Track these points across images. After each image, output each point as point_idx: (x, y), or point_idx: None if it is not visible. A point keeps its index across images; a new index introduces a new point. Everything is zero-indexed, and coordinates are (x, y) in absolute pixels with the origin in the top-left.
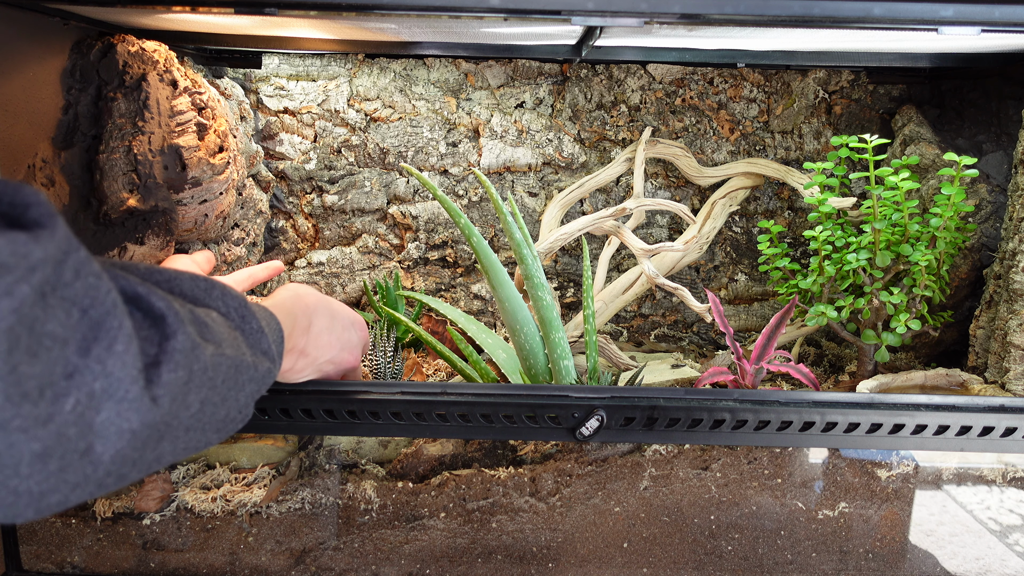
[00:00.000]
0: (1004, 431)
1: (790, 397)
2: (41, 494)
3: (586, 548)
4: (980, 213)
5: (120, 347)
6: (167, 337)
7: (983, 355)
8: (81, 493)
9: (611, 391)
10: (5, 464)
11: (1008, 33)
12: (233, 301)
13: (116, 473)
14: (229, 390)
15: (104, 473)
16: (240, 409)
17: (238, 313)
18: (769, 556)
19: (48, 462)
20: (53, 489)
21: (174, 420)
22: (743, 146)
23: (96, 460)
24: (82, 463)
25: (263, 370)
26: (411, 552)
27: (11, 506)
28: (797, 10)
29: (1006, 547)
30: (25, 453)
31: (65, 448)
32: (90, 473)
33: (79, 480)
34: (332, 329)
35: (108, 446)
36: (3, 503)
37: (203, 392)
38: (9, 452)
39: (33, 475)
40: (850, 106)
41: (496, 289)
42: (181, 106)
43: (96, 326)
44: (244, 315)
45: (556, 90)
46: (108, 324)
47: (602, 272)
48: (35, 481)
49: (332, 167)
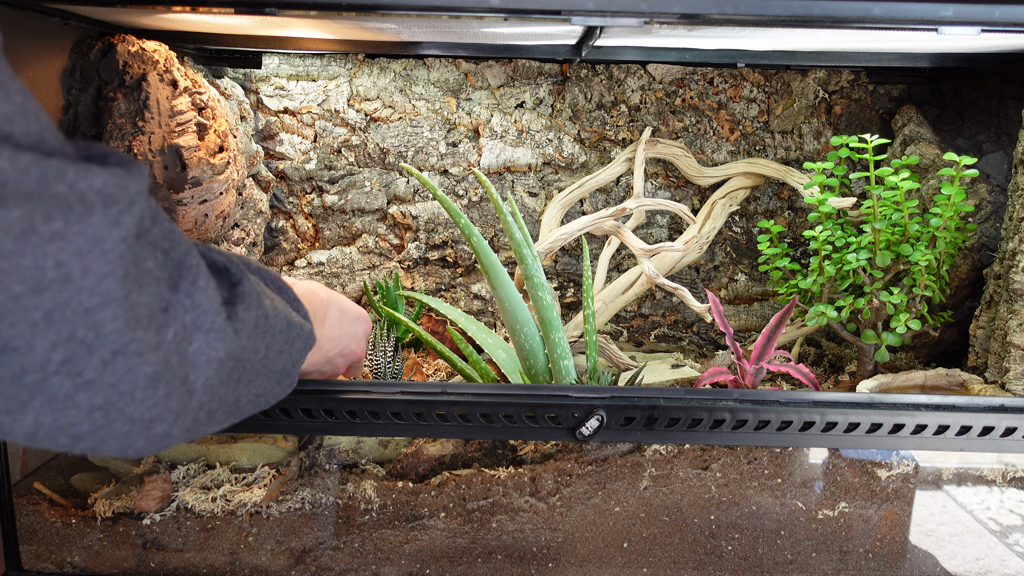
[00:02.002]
0: (1004, 431)
1: (790, 397)
2: (151, 421)
3: (586, 548)
4: (980, 213)
5: (203, 283)
6: (236, 283)
7: (983, 355)
8: (181, 424)
9: (611, 391)
10: (123, 390)
11: (1008, 33)
12: (268, 274)
13: (206, 407)
14: (285, 342)
15: (197, 404)
16: (294, 363)
17: (275, 284)
18: (769, 556)
19: (157, 387)
20: (160, 417)
21: (247, 361)
22: (743, 146)
23: (191, 388)
24: (181, 391)
25: (307, 331)
26: (411, 552)
27: (126, 436)
28: (797, 10)
29: (1006, 547)
30: (140, 378)
31: (170, 374)
32: (187, 402)
33: (179, 409)
34: (342, 323)
35: (200, 374)
36: (119, 433)
37: (267, 338)
38: (127, 376)
39: (145, 400)
40: (850, 106)
41: (496, 289)
42: (181, 106)
43: (179, 265)
44: (281, 286)
45: (556, 90)
46: (188, 263)
47: (602, 272)
48: (146, 407)
49: (332, 167)
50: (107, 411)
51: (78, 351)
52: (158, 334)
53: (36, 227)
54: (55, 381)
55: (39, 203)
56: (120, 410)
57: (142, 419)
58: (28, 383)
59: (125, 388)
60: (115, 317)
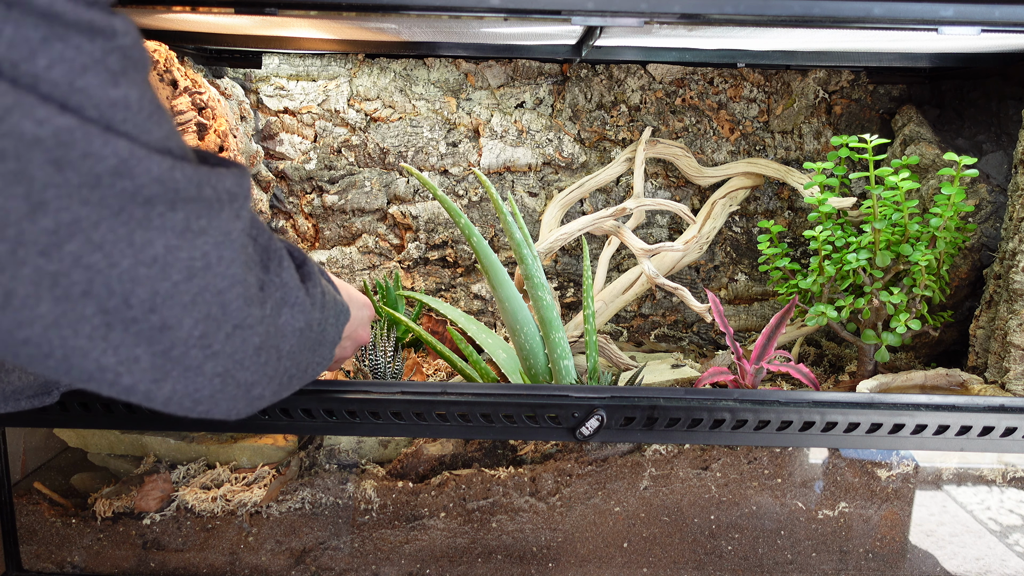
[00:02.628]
0: (1004, 431)
1: (790, 397)
2: (251, 385)
3: (586, 548)
4: (980, 213)
5: (286, 263)
6: (300, 264)
7: (983, 355)
8: (271, 387)
9: (611, 391)
10: (238, 359)
11: (1008, 33)
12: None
13: (288, 371)
14: (334, 315)
15: (283, 369)
16: (337, 335)
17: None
18: (769, 556)
19: (260, 355)
20: (258, 381)
21: (315, 331)
22: (743, 146)
23: (280, 355)
24: (275, 357)
25: (346, 307)
26: (411, 552)
27: (233, 399)
28: (797, 10)
29: (1006, 547)
30: (250, 347)
31: (269, 343)
32: (277, 367)
33: (272, 373)
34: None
35: (286, 342)
36: (230, 396)
37: (326, 311)
38: (242, 346)
39: (251, 367)
40: (850, 106)
41: (496, 289)
42: (181, 106)
43: (266, 249)
44: (319, 268)
45: (556, 90)
46: (274, 247)
47: (602, 272)
48: (251, 372)
49: (332, 167)
50: (224, 377)
51: (211, 326)
52: (260, 309)
53: (190, 225)
54: (192, 353)
55: (194, 205)
56: (233, 376)
57: (246, 383)
58: (173, 355)
59: (239, 357)
60: (237, 296)
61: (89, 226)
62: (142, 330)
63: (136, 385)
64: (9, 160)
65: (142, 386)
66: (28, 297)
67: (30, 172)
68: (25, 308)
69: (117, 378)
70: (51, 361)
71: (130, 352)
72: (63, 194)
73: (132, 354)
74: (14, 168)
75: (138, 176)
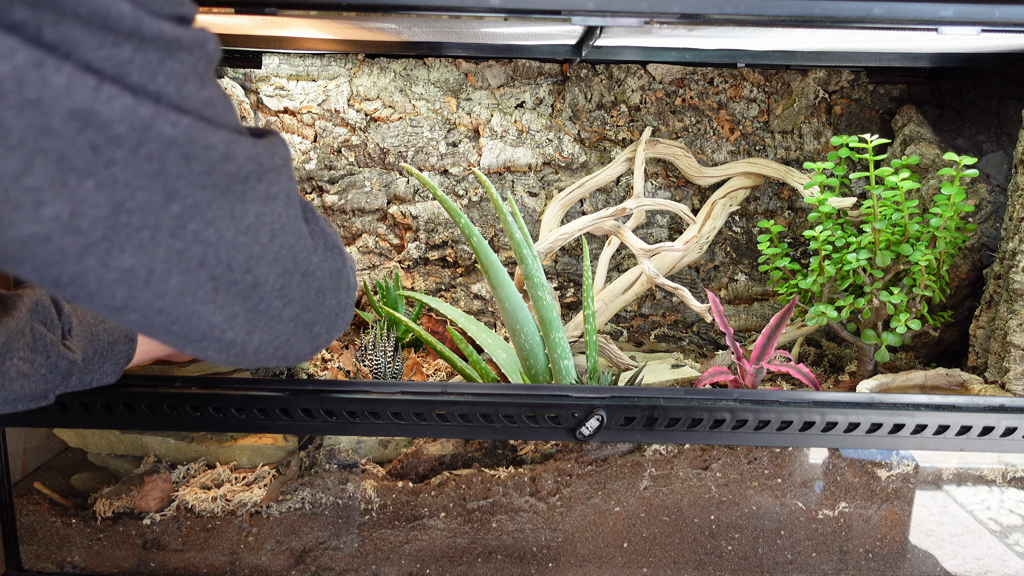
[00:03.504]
0: (1004, 431)
1: (790, 397)
2: (312, 324)
3: (586, 548)
4: (980, 213)
5: (319, 214)
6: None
7: (983, 355)
8: (325, 325)
9: (611, 391)
10: (306, 303)
11: (1008, 33)
12: None
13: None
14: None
15: (328, 308)
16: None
17: None
18: (769, 556)
19: (319, 297)
20: (318, 321)
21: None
22: (743, 146)
23: (325, 297)
24: (326, 299)
25: None
26: (411, 552)
27: (301, 340)
28: (797, 10)
29: (1006, 547)
30: (313, 291)
31: (324, 286)
32: (327, 306)
33: (327, 312)
34: None
35: (331, 283)
36: (300, 338)
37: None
38: (307, 292)
39: (314, 308)
40: (850, 106)
41: (496, 289)
42: None
43: (302, 203)
44: None
45: (556, 90)
46: (304, 200)
47: (602, 272)
48: (314, 314)
49: (332, 167)
50: (296, 322)
51: (287, 278)
52: (316, 256)
53: (268, 192)
54: (275, 304)
55: (269, 175)
56: (302, 319)
57: (310, 324)
58: (260, 308)
59: (307, 301)
60: (303, 248)
61: (204, 206)
62: (240, 289)
63: (236, 339)
64: (155, 160)
65: (240, 339)
66: (163, 273)
67: (167, 168)
68: (161, 282)
69: (222, 334)
70: (176, 326)
71: (231, 310)
72: (189, 183)
73: (232, 311)
74: (157, 166)
75: (238, 158)
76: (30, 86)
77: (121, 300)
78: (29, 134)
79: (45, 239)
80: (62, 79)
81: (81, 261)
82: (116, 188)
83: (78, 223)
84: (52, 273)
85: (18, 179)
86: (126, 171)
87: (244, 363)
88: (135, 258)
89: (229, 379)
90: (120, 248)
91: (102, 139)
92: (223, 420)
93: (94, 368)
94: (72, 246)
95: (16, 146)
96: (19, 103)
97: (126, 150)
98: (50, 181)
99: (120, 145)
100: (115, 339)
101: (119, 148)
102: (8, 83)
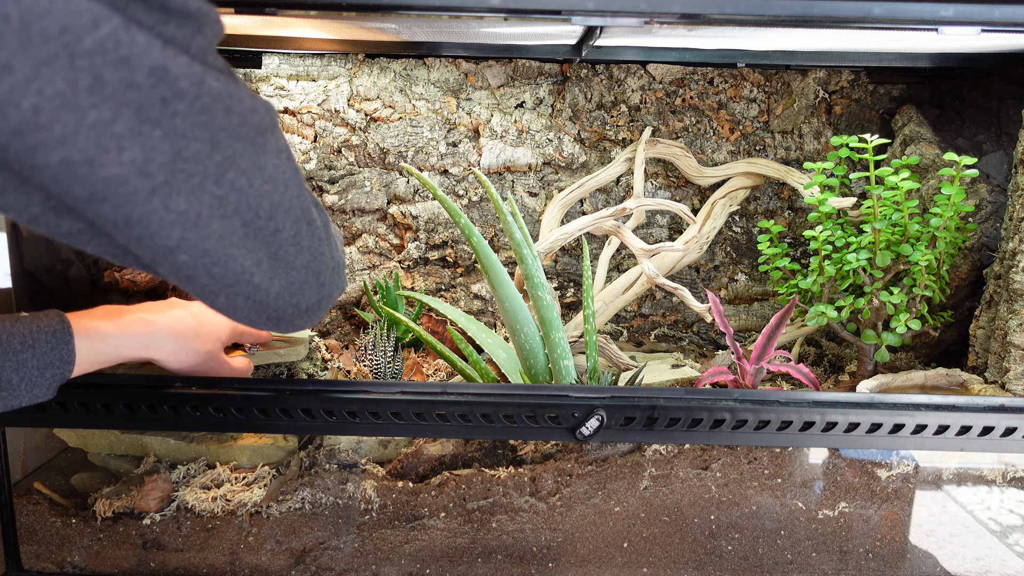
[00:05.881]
0: (1004, 431)
1: (790, 397)
2: (319, 272)
3: (586, 548)
4: (980, 213)
5: (317, 203)
6: None
7: (983, 355)
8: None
9: (611, 391)
10: (315, 251)
11: (1008, 33)
12: None
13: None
14: None
15: (327, 260)
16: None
17: None
18: (769, 556)
19: (321, 246)
20: (323, 269)
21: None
22: (743, 146)
23: (324, 248)
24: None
25: None
26: (411, 552)
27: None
28: (797, 10)
29: (1006, 547)
30: (318, 239)
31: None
32: (324, 255)
33: (326, 263)
34: None
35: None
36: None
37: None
38: (314, 240)
39: (320, 256)
40: (850, 106)
41: (496, 289)
42: None
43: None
44: None
45: (556, 90)
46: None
47: (602, 272)
48: (319, 262)
49: (332, 167)
50: (307, 268)
51: (300, 227)
52: (316, 208)
53: (278, 144)
54: (290, 250)
55: (276, 127)
56: (312, 267)
57: (317, 272)
58: (279, 255)
59: (315, 249)
60: (307, 199)
61: (239, 157)
62: (264, 236)
63: (261, 283)
64: (205, 113)
65: (264, 283)
66: (208, 217)
67: (214, 120)
68: (207, 225)
69: (251, 277)
70: (216, 268)
71: (257, 255)
72: (228, 134)
73: (258, 257)
74: (207, 119)
75: (259, 111)
76: (123, 45)
77: (176, 240)
78: (119, 87)
79: (124, 180)
80: (143, 40)
81: (148, 202)
82: (176, 137)
83: (148, 167)
84: (125, 212)
85: (108, 126)
86: (184, 122)
87: (267, 311)
88: (188, 202)
89: (229, 379)
90: (177, 192)
91: (170, 92)
92: (223, 420)
93: (22, 393)
94: (143, 187)
95: (110, 97)
96: (115, 60)
97: (187, 103)
98: (130, 129)
99: (183, 98)
100: (44, 365)
101: (181, 101)
102: (108, 42)
